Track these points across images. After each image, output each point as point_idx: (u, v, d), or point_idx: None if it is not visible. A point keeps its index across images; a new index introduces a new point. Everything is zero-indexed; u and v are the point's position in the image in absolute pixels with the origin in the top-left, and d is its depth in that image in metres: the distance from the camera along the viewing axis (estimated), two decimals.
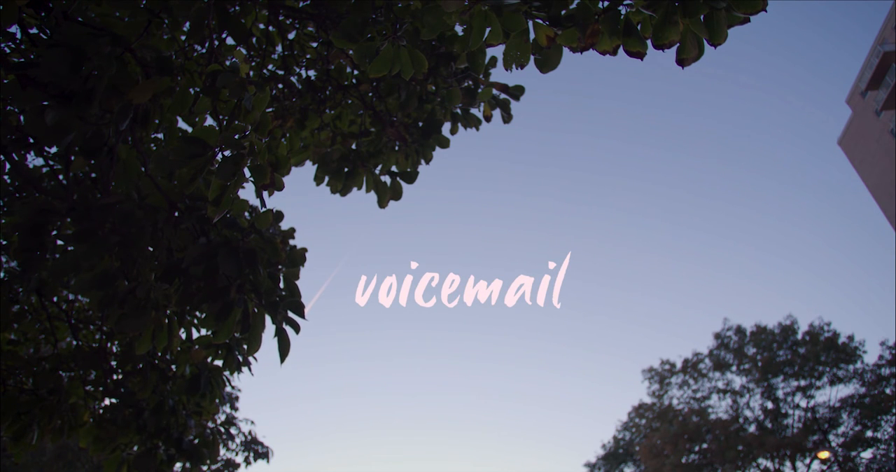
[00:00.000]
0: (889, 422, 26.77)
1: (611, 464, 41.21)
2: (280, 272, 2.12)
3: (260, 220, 2.17)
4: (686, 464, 28.97)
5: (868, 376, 27.57)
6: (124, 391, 3.01)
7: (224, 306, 1.97)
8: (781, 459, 27.92)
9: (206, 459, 2.98)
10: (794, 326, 29.60)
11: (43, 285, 3.42)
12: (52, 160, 3.08)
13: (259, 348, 2.12)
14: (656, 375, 32.46)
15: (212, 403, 2.87)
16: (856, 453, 27.19)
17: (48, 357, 3.47)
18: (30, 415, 3.19)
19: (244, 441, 10.31)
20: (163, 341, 2.19)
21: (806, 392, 28.58)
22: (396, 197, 2.48)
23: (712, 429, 28.35)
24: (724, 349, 30.48)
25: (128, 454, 3.06)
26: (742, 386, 29.97)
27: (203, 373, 2.73)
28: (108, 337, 3.58)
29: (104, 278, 2.21)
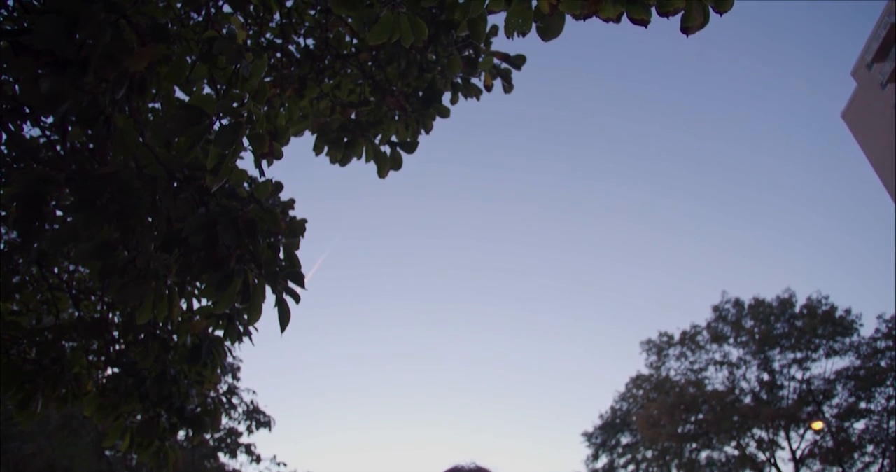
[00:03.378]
0: (883, 394, 27.12)
1: (608, 434, 41.87)
2: (280, 243, 2.12)
3: (259, 190, 2.16)
4: (682, 434, 29.43)
5: (864, 349, 27.83)
6: (126, 361, 3.04)
7: (224, 276, 1.97)
8: (776, 429, 28.36)
9: (208, 427, 3.02)
10: (792, 299, 29.78)
11: (43, 256, 3.42)
12: (49, 130, 3.05)
13: (259, 318, 2.13)
14: (654, 347, 32.77)
15: (213, 372, 2.90)
16: (849, 423, 27.61)
17: (50, 327, 3.49)
18: (34, 384, 3.22)
19: (246, 410, 10.45)
20: (163, 311, 2.20)
21: (802, 364, 28.89)
22: (396, 167, 2.46)
23: (708, 400, 28.73)
24: (722, 322, 30.71)
25: (131, 422, 3.10)
26: (739, 358, 30.27)
27: (204, 343, 2.75)
28: (109, 308, 3.59)
29: (104, 248, 2.21)
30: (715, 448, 30.27)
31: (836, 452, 26.45)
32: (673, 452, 30.89)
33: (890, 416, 26.67)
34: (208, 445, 10.70)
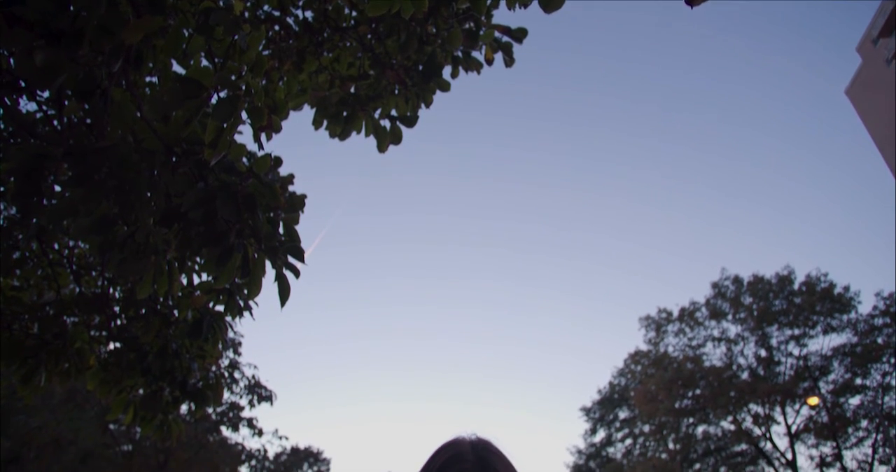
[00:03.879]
0: (878, 370, 27.36)
1: (606, 408, 42.39)
2: (279, 217, 2.11)
3: (258, 164, 2.14)
4: (679, 409, 29.77)
5: (861, 326, 28.00)
6: (128, 336, 3.05)
7: (224, 250, 1.97)
8: (772, 404, 28.68)
9: (210, 401, 3.05)
10: (791, 276, 29.87)
11: (43, 232, 3.41)
12: (46, 105, 3.02)
13: (259, 293, 2.13)
14: (653, 323, 32.96)
15: (214, 347, 2.91)
16: (844, 399, 27.90)
17: (51, 303, 3.50)
18: (36, 359, 3.24)
19: (248, 385, 10.56)
20: (163, 286, 2.20)
21: (799, 341, 29.09)
22: (396, 141, 2.44)
23: (706, 376, 29.00)
24: (720, 298, 30.85)
25: (134, 396, 3.13)
26: (737, 335, 30.48)
27: (205, 318, 2.76)
28: (109, 283, 3.60)
29: (103, 222, 2.20)
30: (711, 423, 30.66)
31: (830, 427, 26.78)
32: (670, 426, 31.30)
33: (885, 392, 26.94)
34: (211, 419, 10.84)
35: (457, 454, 0.96)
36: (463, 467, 0.93)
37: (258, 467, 11.60)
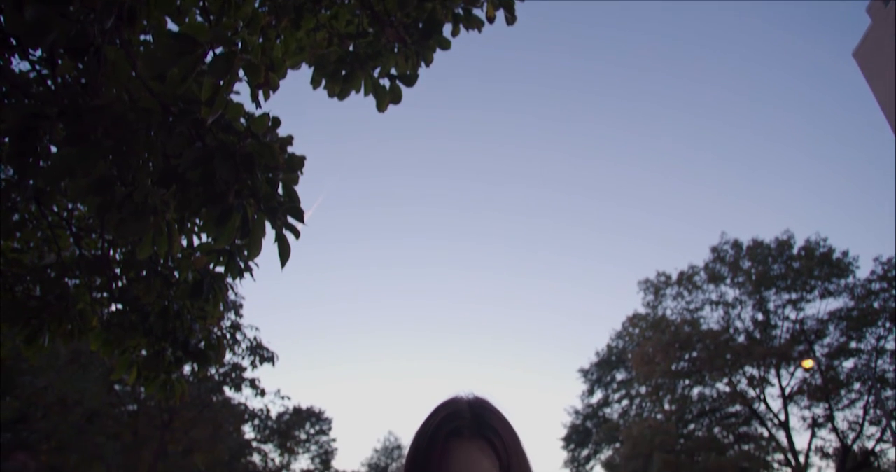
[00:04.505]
0: (873, 334, 27.66)
1: (603, 370, 43.05)
2: (279, 178, 2.09)
3: (256, 123, 2.11)
4: (676, 371, 30.22)
5: (858, 291, 28.17)
6: (129, 297, 3.06)
7: (223, 211, 1.95)
8: (767, 367, 29.10)
9: (212, 361, 3.08)
10: (790, 241, 29.92)
11: (41, 194, 3.39)
12: (39, 64, 2.96)
13: (259, 254, 2.13)
14: (652, 286, 33.17)
15: (215, 307, 2.92)
16: (838, 362, 28.29)
17: (52, 265, 3.51)
18: (39, 320, 3.26)
19: (250, 346, 10.68)
20: (163, 246, 2.19)
21: (796, 305, 29.33)
22: (396, 100, 2.39)
23: (703, 339, 29.34)
24: (719, 263, 30.98)
25: (137, 356, 3.16)
26: (735, 298, 30.71)
27: (206, 279, 2.76)
28: (110, 245, 3.60)
29: (101, 183, 2.18)
30: (707, 385, 31.16)
31: (823, 389, 27.23)
32: (666, 388, 31.83)
33: (878, 355, 27.30)
34: (214, 379, 11.01)
35: (454, 412, 0.96)
36: (460, 424, 0.94)
37: (261, 426, 11.81)
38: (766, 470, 29.01)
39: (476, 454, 0.92)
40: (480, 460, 0.91)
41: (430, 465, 0.91)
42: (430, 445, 0.93)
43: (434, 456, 0.92)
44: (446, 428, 0.94)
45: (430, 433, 0.94)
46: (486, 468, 0.91)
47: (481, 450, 0.92)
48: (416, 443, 0.97)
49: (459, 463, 0.91)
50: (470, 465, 0.91)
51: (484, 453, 0.92)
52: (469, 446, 0.93)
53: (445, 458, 0.91)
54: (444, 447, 0.92)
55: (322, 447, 51.17)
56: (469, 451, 0.92)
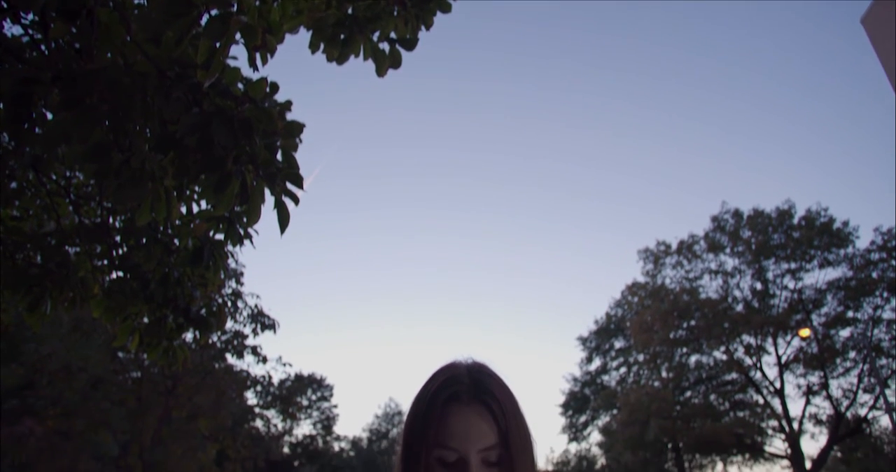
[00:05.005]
0: (870, 304, 27.83)
1: (602, 338, 43.49)
2: (277, 144, 2.06)
3: (254, 88, 2.08)
4: (674, 339, 30.52)
5: (857, 261, 28.24)
6: (130, 264, 3.07)
7: (221, 177, 1.94)
8: (764, 336, 29.37)
9: (213, 327, 3.09)
10: (791, 210, 29.87)
11: (38, 161, 3.37)
12: (31, 29, 2.91)
13: (258, 220, 2.11)
14: (651, 255, 33.24)
15: (216, 275, 2.93)
16: (835, 331, 28.53)
17: (52, 233, 3.50)
18: (41, 287, 3.27)
19: (251, 314, 10.76)
20: (162, 213, 2.18)
21: (795, 275, 29.43)
22: (395, 65, 2.35)
23: (701, 307, 29.53)
24: (719, 232, 30.99)
25: (138, 323, 3.18)
26: (734, 268, 30.82)
27: (205, 246, 2.76)
28: (109, 213, 3.59)
29: (97, 149, 2.16)
30: (704, 353, 31.50)
31: (819, 357, 27.53)
32: (664, 356, 32.20)
33: (875, 324, 27.52)
34: (216, 347, 11.12)
35: (453, 377, 0.96)
36: (459, 389, 0.94)
37: (263, 392, 11.99)
38: (761, 436, 29.52)
39: (474, 419, 0.92)
40: (479, 424, 0.92)
41: (428, 429, 0.92)
42: (429, 409, 0.93)
43: (432, 420, 0.92)
44: (445, 393, 0.94)
45: (429, 398, 0.95)
46: (484, 432, 0.91)
47: (479, 415, 0.93)
48: (415, 408, 0.97)
49: (458, 427, 0.91)
50: (468, 429, 0.91)
51: (482, 417, 0.92)
52: (467, 410, 0.93)
53: (444, 422, 0.92)
54: (442, 411, 0.92)
55: (324, 413, 52.05)
56: (467, 415, 0.92)
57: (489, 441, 0.91)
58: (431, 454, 0.92)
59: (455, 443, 0.91)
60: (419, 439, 0.93)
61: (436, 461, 0.91)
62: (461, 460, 0.91)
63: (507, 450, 0.92)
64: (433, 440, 0.92)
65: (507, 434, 0.92)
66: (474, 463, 0.90)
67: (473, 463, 0.90)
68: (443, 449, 0.91)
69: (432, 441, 0.92)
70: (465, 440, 0.91)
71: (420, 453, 0.92)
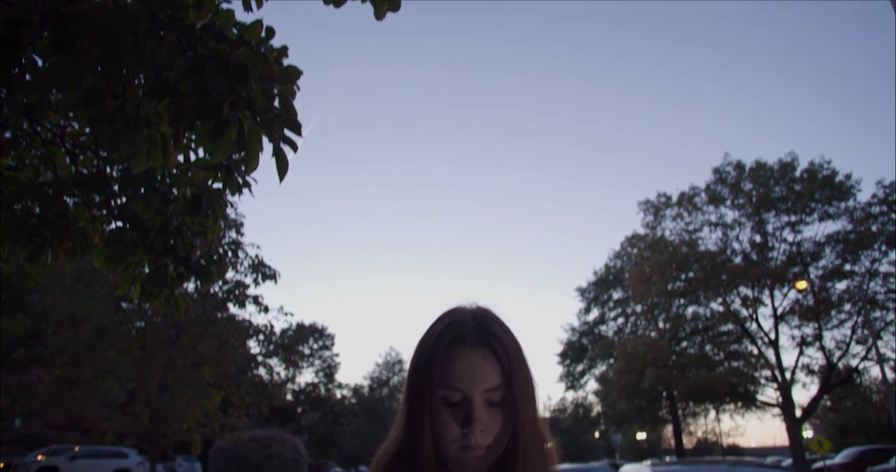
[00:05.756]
0: (868, 257, 27.96)
1: (600, 289, 43.95)
2: (274, 89, 2.01)
3: (249, 32, 2.01)
4: (671, 290, 30.80)
5: (857, 214, 28.21)
6: (129, 214, 3.05)
7: (218, 123, 1.90)
8: (761, 288, 29.64)
9: (214, 276, 3.10)
10: (794, 163, 29.64)
11: (31, 109, 3.31)
12: None
13: (256, 168, 2.08)
14: (651, 207, 33.16)
15: (215, 223, 2.91)
16: (831, 284, 28.76)
17: (50, 183, 3.47)
18: (41, 237, 3.26)
19: (252, 264, 10.81)
20: (158, 160, 2.15)
21: (794, 228, 29.46)
22: (395, 7, 2.26)
23: (700, 259, 29.68)
24: (721, 184, 30.84)
25: (139, 272, 3.19)
26: (734, 220, 30.81)
27: (204, 194, 2.73)
28: (106, 162, 3.55)
29: (90, 95, 2.11)
30: (701, 304, 31.87)
31: (814, 309, 27.85)
32: (661, 307, 32.58)
33: (871, 277, 27.73)
34: (217, 297, 11.23)
35: (457, 320, 0.97)
36: (463, 331, 0.95)
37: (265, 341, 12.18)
38: (753, 386, 30.18)
39: (478, 360, 0.93)
40: (482, 365, 0.93)
41: (433, 370, 0.93)
42: (434, 350, 0.94)
43: (437, 361, 0.93)
44: (449, 335, 0.95)
45: (434, 340, 0.95)
46: (488, 374, 0.92)
47: (483, 356, 0.93)
48: (419, 350, 0.98)
49: (462, 368, 0.92)
50: (472, 370, 0.92)
51: (486, 359, 0.93)
52: (472, 352, 0.94)
53: (448, 363, 0.93)
54: (447, 352, 0.93)
55: (325, 362, 53.12)
56: (472, 357, 0.93)
57: (493, 382, 0.92)
58: (436, 393, 0.93)
59: (459, 383, 0.92)
60: (424, 379, 0.94)
61: (440, 401, 0.93)
62: (465, 400, 0.92)
63: (510, 391, 0.93)
64: (438, 380, 0.93)
65: (511, 376, 0.93)
66: (478, 403, 0.91)
67: (477, 403, 0.91)
68: (447, 389, 0.92)
69: (437, 382, 0.93)
70: (470, 381, 0.92)
71: (425, 392, 0.93)
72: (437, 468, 0.94)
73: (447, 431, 0.91)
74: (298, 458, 17.33)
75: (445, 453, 0.93)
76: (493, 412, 0.93)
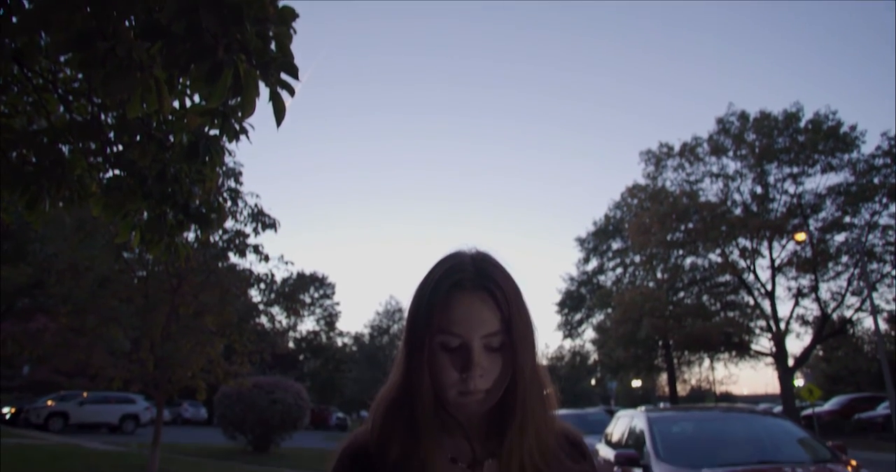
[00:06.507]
0: (868, 209, 27.92)
1: (600, 239, 44.13)
2: (269, 31, 1.95)
3: None
4: (670, 241, 30.92)
5: (860, 166, 28.01)
6: (125, 161, 3.01)
7: (212, 66, 1.84)
8: (760, 239, 29.74)
9: (214, 224, 3.09)
10: (799, 113, 29.23)
11: (21, 54, 3.22)
12: None
13: (253, 112, 2.04)
14: (653, 157, 32.89)
15: (213, 170, 2.88)
16: (830, 236, 28.84)
17: (44, 130, 3.42)
18: (38, 185, 3.23)
19: (251, 213, 10.79)
20: (153, 104, 2.10)
21: (796, 179, 29.32)
22: None
23: (700, 210, 29.67)
24: (724, 134, 30.51)
25: (138, 220, 3.17)
26: (735, 171, 30.64)
27: (200, 141, 2.69)
28: (100, 108, 3.48)
29: (80, 37, 2.05)
30: (700, 255, 32.04)
31: (812, 261, 28.02)
32: (660, 257, 32.77)
33: (870, 230, 27.77)
34: (218, 246, 11.26)
35: (456, 265, 0.96)
36: (462, 276, 0.94)
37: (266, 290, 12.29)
38: (748, 335, 30.69)
39: (478, 305, 0.92)
40: (482, 310, 0.92)
41: (432, 315, 0.92)
42: (433, 295, 0.93)
43: (436, 306, 0.92)
44: (449, 280, 0.94)
45: (433, 285, 0.95)
46: (487, 319, 0.92)
47: (483, 301, 0.93)
48: (418, 295, 0.97)
49: (461, 313, 0.92)
50: (471, 315, 0.92)
51: (485, 304, 0.93)
52: (471, 297, 0.93)
53: (447, 308, 0.92)
54: (446, 297, 0.93)
55: (326, 310, 53.88)
56: (471, 302, 0.93)
57: (492, 328, 0.92)
58: (435, 339, 0.93)
59: (458, 329, 0.91)
60: (423, 324, 0.93)
61: (439, 346, 0.93)
62: (464, 345, 0.92)
63: (509, 336, 0.93)
64: (437, 325, 0.92)
65: (510, 321, 0.93)
66: (477, 349, 0.91)
67: (476, 349, 0.91)
68: (446, 335, 0.92)
69: (436, 327, 0.92)
70: (469, 326, 0.91)
71: (424, 338, 0.93)
72: (436, 412, 0.95)
73: (446, 376, 0.92)
74: (301, 403, 17.79)
75: (444, 397, 0.94)
76: (493, 356, 0.93)
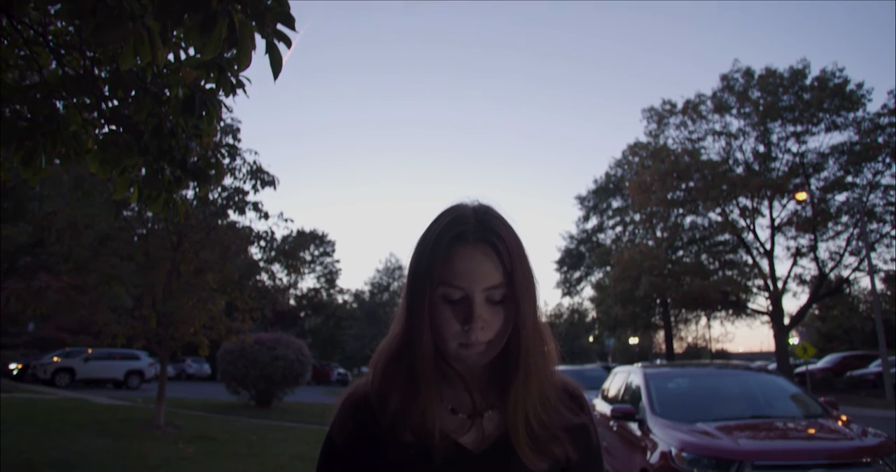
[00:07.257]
0: (871, 169, 27.72)
1: (600, 197, 44.07)
2: None
3: None
4: (671, 200, 30.83)
5: (865, 125, 27.67)
6: (121, 116, 2.96)
7: (206, 17, 1.79)
8: (761, 198, 29.65)
9: (212, 179, 3.06)
10: (805, 70, 28.70)
11: (9, 5, 3.13)
12: None
13: (249, 64, 1.99)
14: (655, 114, 32.45)
15: (209, 125, 2.84)
16: (831, 196, 28.71)
17: (37, 85, 3.35)
18: (33, 141, 3.19)
19: (250, 170, 10.72)
20: (146, 56, 2.05)
21: (799, 138, 29.01)
22: None
23: (701, 169, 29.47)
24: (728, 92, 30.04)
25: (136, 175, 3.14)
26: (738, 129, 30.30)
27: (196, 94, 2.64)
28: (93, 62, 3.41)
29: None
30: (700, 214, 31.99)
31: (812, 221, 28.00)
32: (660, 216, 32.72)
33: (872, 189, 27.65)
34: (217, 203, 11.25)
35: (458, 217, 0.95)
36: (464, 228, 0.93)
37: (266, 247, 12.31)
38: (745, 294, 30.93)
39: (480, 258, 0.92)
40: (484, 263, 0.92)
41: (433, 267, 0.92)
42: (434, 248, 0.93)
43: (438, 259, 0.92)
44: (450, 232, 0.93)
45: (435, 237, 0.94)
46: (489, 271, 0.91)
47: (485, 254, 0.92)
48: (420, 247, 0.96)
49: (463, 266, 0.91)
50: (473, 268, 0.91)
51: (487, 256, 0.92)
52: (473, 249, 0.92)
53: (449, 261, 0.91)
54: (447, 250, 0.92)
55: (326, 268, 54.21)
56: (473, 254, 0.92)
57: (494, 280, 0.91)
58: (436, 291, 0.92)
59: (460, 281, 0.91)
60: (424, 277, 0.93)
61: (441, 299, 0.92)
62: (466, 297, 0.91)
63: (511, 289, 0.92)
64: (438, 278, 0.92)
65: (512, 274, 0.92)
66: (478, 301, 0.91)
67: (478, 301, 0.91)
68: (448, 287, 0.91)
69: (437, 279, 0.92)
70: (470, 279, 0.91)
71: (425, 290, 0.92)
72: (436, 364, 0.95)
73: (447, 328, 0.91)
74: (302, 359, 18.05)
75: (445, 349, 0.94)
76: (494, 309, 0.92)
